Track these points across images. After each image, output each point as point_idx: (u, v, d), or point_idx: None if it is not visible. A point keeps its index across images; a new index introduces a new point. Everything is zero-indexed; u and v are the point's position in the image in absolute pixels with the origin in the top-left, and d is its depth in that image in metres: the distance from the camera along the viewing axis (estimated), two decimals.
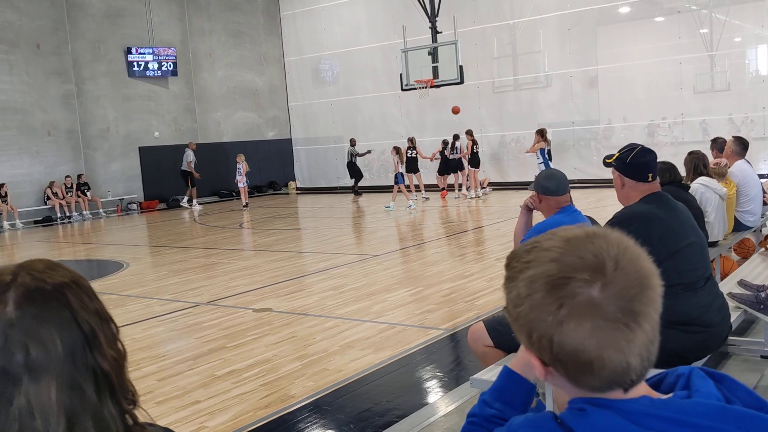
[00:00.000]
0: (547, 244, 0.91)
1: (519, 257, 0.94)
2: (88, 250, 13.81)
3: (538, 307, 0.88)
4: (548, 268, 0.88)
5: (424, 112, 20.73)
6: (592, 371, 0.86)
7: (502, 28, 19.59)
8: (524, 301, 0.89)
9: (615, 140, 18.71)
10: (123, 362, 0.99)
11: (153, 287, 8.86)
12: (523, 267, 0.91)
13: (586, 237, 0.90)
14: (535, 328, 0.88)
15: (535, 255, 0.91)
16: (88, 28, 19.80)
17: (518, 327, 0.92)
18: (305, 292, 7.91)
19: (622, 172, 3.24)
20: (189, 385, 4.91)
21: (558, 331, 0.86)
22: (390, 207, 15.87)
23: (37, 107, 18.71)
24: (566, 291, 0.86)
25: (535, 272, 0.89)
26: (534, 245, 0.93)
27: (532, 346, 0.90)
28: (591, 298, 0.86)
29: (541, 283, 0.88)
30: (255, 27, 24.17)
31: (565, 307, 0.86)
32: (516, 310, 0.91)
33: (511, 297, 0.93)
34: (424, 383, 4.81)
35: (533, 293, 0.88)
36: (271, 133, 24.63)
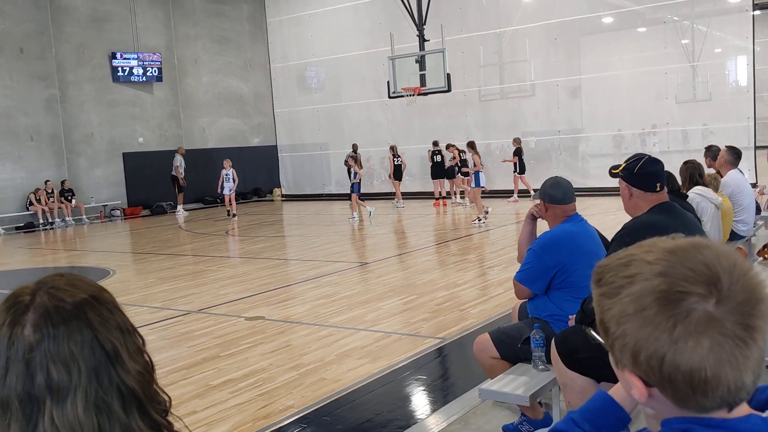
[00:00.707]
0: (649, 257, 0.87)
1: (616, 271, 0.89)
2: (72, 257, 13.64)
3: (649, 324, 0.83)
4: (657, 283, 0.84)
5: (411, 119, 20.75)
6: (705, 391, 0.83)
7: (488, 37, 19.68)
8: (631, 318, 0.85)
9: (599, 149, 18.85)
10: (149, 374, 0.97)
11: (141, 295, 8.75)
12: (625, 282, 0.87)
13: (693, 248, 0.87)
14: (644, 348, 0.84)
15: (637, 268, 0.86)
16: (73, 33, 19.61)
17: (621, 346, 0.87)
18: (297, 300, 7.85)
19: (629, 183, 3.23)
20: (184, 395, 4.83)
21: (673, 349, 0.82)
22: (370, 211, 15.78)
23: (20, 112, 18.49)
24: (681, 307, 0.83)
25: (642, 287, 0.85)
26: (632, 258, 0.89)
27: (638, 366, 0.86)
28: (708, 314, 0.82)
29: (652, 299, 0.84)
30: (241, 33, 24.10)
31: (681, 324, 0.82)
32: (620, 328, 0.86)
33: (611, 315, 0.88)
34: (424, 393, 4.78)
35: (643, 310, 0.84)
36: (256, 139, 24.53)
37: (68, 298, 0.95)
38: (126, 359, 0.94)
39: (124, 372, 0.93)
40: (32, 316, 0.92)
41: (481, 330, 5.82)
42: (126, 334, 0.98)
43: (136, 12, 20.97)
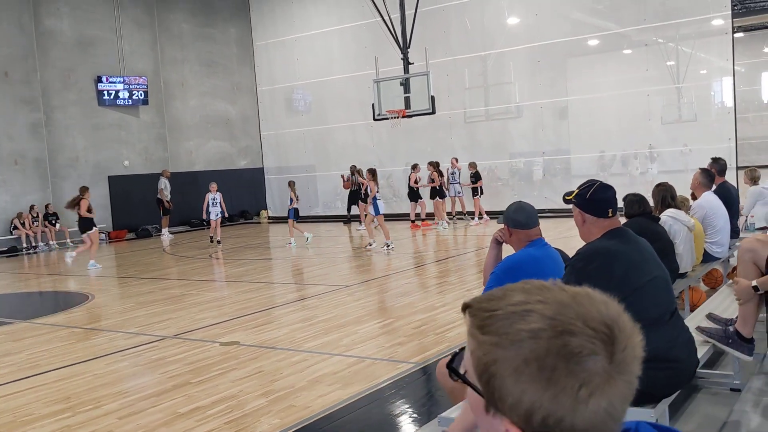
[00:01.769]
0: (548, 312, 0.84)
1: (511, 321, 0.85)
2: (54, 281, 13.51)
3: (553, 386, 0.80)
4: (563, 343, 0.81)
5: (396, 141, 20.80)
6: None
7: (473, 60, 19.81)
8: (532, 378, 0.81)
9: (585, 170, 18.91)
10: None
11: (118, 320, 8.65)
12: (526, 336, 0.83)
13: (587, 302, 0.85)
14: (542, 408, 0.81)
15: (538, 323, 0.83)
16: (58, 57, 19.62)
17: (512, 402, 0.82)
18: (274, 324, 7.78)
19: (582, 209, 3.22)
20: (151, 424, 4.75)
21: (573, 411, 0.80)
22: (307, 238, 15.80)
23: (4, 136, 18.43)
24: (586, 369, 0.80)
25: (548, 346, 0.81)
26: (528, 308, 0.85)
27: (527, 423, 0.82)
28: (608, 375, 0.81)
29: (559, 359, 0.81)
30: (228, 57, 24.18)
31: (586, 386, 0.80)
32: (517, 386, 0.82)
33: (505, 367, 0.83)
34: (394, 419, 4.71)
35: (548, 370, 0.81)
36: (243, 162, 24.52)
37: None
38: None
39: None
40: None
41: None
42: None
43: (123, 35, 21.03)
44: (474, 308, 0.89)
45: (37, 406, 5.34)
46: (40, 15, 19.31)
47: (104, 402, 5.31)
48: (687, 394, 4.49)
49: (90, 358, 6.76)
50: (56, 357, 6.90)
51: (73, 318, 9.03)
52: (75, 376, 6.14)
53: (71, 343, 7.52)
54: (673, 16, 17.39)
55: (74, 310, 9.61)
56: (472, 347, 0.88)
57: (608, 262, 2.90)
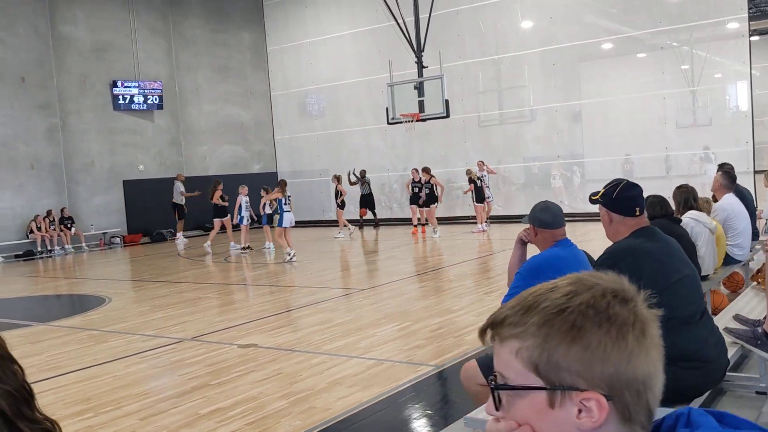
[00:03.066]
0: (563, 282, 0.89)
1: (540, 301, 0.87)
2: (70, 284, 13.59)
3: (610, 328, 0.83)
4: (601, 287, 0.86)
5: (410, 145, 20.80)
6: (653, 388, 0.84)
7: (487, 63, 19.80)
8: (587, 330, 0.83)
9: (599, 174, 18.83)
10: (22, 396, 1.01)
11: (135, 323, 8.68)
12: (564, 300, 0.85)
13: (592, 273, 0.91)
14: (607, 355, 0.82)
15: (568, 288, 0.87)
16: (74, 62, 19.78)
17: (573, 366, 0.83)
18: (291, 327, 7.78)
19: (609, 208, 3.19)
20: (172, 425, 4.75)
21: (637, 348, 0.83)
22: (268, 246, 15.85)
23: (20, 141, 18.57)
24: (629, 306, 0.85)
25: (589, 295, 0.85)
26: (549, 287, 0.89)
27: (597, 380, 0.83)
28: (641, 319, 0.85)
29: (607, 300, 0.84)
30: (241, 62, 24.28)
31: (638, 321, 0.84)
32: (575, 346, 0.83)
33: (558, 338, 0.84)
34: (415, 422, 4.69)
35: (598, 316, 0.83)
36: (256, 166, 24.59)
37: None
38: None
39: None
40: None
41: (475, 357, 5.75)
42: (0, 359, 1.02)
43: (138, 41, 21.17)
44: (500, 317, 0.90)
45: (59, 406, 5.35)
46: (56, 21, 19.47)
47: (125, 403, 5.32)
48: (712, 397, 4.44)
49: (109, 360, 6.78)
50: (75, 359, 6.93)
51: (91, 320, 9.07)
52: (94, 377, 6.16)
53: (89, 345, 7.55)
54: (687, 19, 17.31)
55: (91, 313, 9.65)
56: (515, 349, 0.87)
57: (638, 261, 2.87)
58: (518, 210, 19.46)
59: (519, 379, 0.87)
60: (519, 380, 0.87)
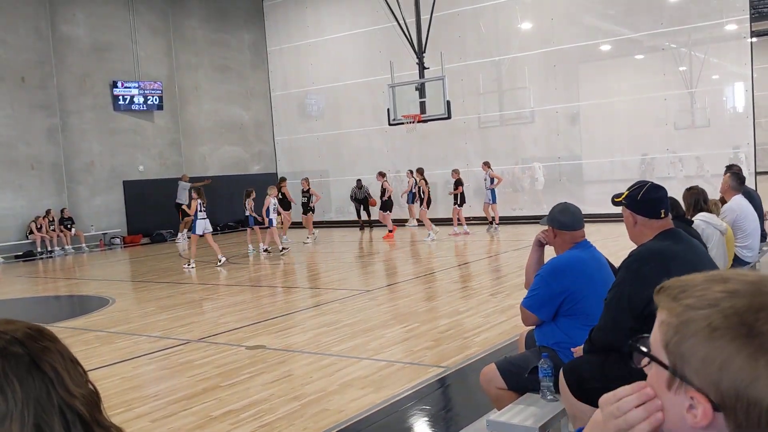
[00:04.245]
0: (749, 278, 0.84)
1: (708, 285, 0.84)
2: (72, 285, 13.56)
3: (752, 342, 0.79)
4: (760, 300, 0.80)
5: (411, 147, 20.80)
6: None
7: (487, 65, 19.82)
8: (728, 333, 0.80)
9: (598, 175, 18.86)
10: (95, 401, 1.00)
11: (141, 324, 8.66)
12: (724, 296, 0.82)
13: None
14: (734, 367, 0.79)
15: (739, 285, 0.83)
16: (74, 62, 19.73)
17: (701, 362, 0.81)
18: (298, 328, 7.77)
19: (633, 210, 3.18)
20: (184, 427, 4.74)
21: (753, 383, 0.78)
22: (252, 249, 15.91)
23: (20, 141, 18.52)
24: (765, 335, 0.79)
25: (751, 302, 0.80)
26: (726, 276, 0.85)
27: (716, 386, 0.80)
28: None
29: (761, 315, 0.80)
30: (242, 62, 24.26)
31: None
32: (711, 343, 0.80)
33: (698, 327, 0.82)
34: (428, 424, 4.69)
35: (747, 325, 0.79)
36: (256, 167, 24.57)
37: (7, 331, 0.98)
38: (69, 383, 0.97)
39: (68, 395, 0.96)
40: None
41: (484, 358, 5.75)
42: (68, 361, 1.01)
43: (138, 41, 21.13)
44: (667, 285, 0.89)
45: None
46: (57, 21, 19.43)
47: (135, 405, 5.31)
48: None
49: (116, 361, 6.76)
50: (82, 360, 6.78)
51: (96, 321, 9.04)
52: (103, 379, 6.14)
53: (96, 346, 7.53)
54: (687, 21, 17.34)
55: (96, 314, 9.62)
56: (661, 319, 0.88)
57: (664, 263, 2.87)
58: (519, 212, 19.48)
59: (655, 348, 0.88)
60: (655, 348, 0.88)
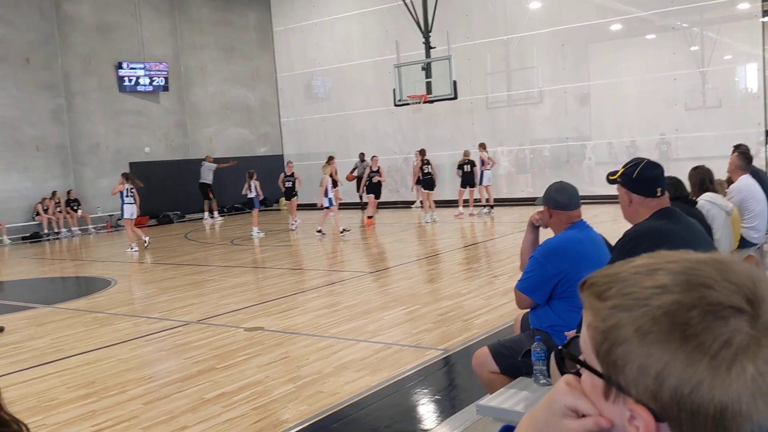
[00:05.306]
0: (677, 267, 0.71)
1: (634, 280, 0.72)
2: (76, 266, 13.55)
3: (686, 345, 0.67)
4: (702, 295, 0.68)
5: (417, 127, 20.63)
6: (729, 429, 0.67)
7: (495, 44, 19.56)
8: (660, 338, 0.68)
9: (607, 156, 18.64)
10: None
11: (141, 305, 8.63)
12: (652, 293, 0.70)
13: (727, 261, 0.72)
14: (673, 374, 0.68)
15: (668, 278, 0.70)
16: (79, 42, 19.63)
17: (637, 371, 0.70)
18: (298, 310, 7.70)
19: (628, 188, 3.06)
20: (176, 410, 4.68)
21: (710, 378, 0.67)
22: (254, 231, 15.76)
23: (25, 122, 18.48)
24: (728, 326, 0.67)
25: (681, 299, 0.68)
26: (655, 267, 0.72)
27: (656, 396, 0.69)
28: (755, 338, 0.67)
29: (696, 313, 0.68)
30: (247, 42, 24.07)
31: (727, 347, 0.66)
32: (642, 349, 0.69)
33: (627, 332, 0.71)
34: (423, 407, 4.61)
35: (680, 327, 0.68)
36: (262, 149, 24.46)
37: None
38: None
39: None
40: None
41: (484, 341, 5.65)
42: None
43: (143, 21, 20.98)
44: (591, 280, 0.77)
45: (62, 390, 5.29)
46: (61, 1, 19.30)
47: (129, 387, 5.25)
48: None
49: (114, 343, 6.72)
50: (80, 342, 6.87)
51: (96, 303, 9.01)
52: (99, 360, 6.10)
53: (94, 328, 7.50)
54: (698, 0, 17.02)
55: (97, 295, 9.60)
56: (588, 321, 0.76)
57: (659, 244, 2.73)
58: (525, 193, 19.32)
59: (586, 352, 0.76)
60: (586, 353, 0.76)
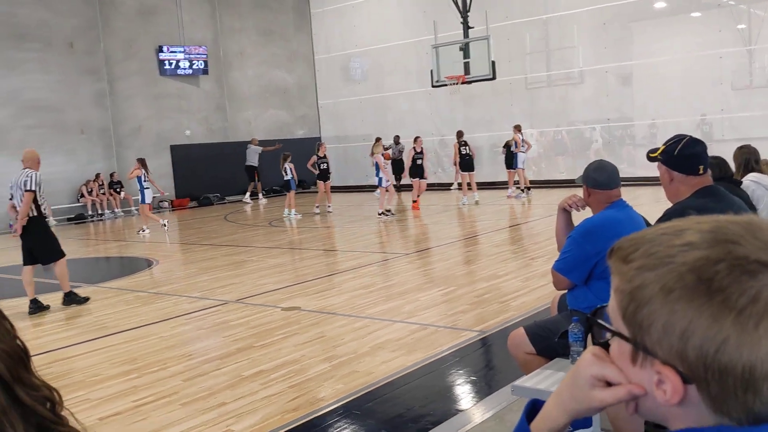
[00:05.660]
0: (705, 227, 0.70)
1: (660, 241, 0.71)
2: (120, 247, 13.84)
3: (712, 300, 0.66)
4: (729, 250, 0.67)
5: (455, 109, 20.48)
6: (760, 389, 0.66)
7: (534, 23, 19.26)
8: (686, 293, 0.67)
9: (651, 138, 18.26)
10: (19, 357, 0.90)
11: (182, 285, 8.78)
12: (678, 251, 0.69)
13: (753, 220, 0.70)
14: (699, 330, 0.66)
15: (695, 237, 0.69)
16: (121, 27, 19.91)
17: (662, 329, 0.68)
18: (334, 290, 7.76)
19: (669, 166, 2.98)
20: (215, 386, 4.77)
21: (737, 334, 0.65)
22: (291, 213, 15.82)
23: (70, 106, 18.86)
24: (757, 281, 0.65)
25: (708, 254, 0.67)
26: (682, 228, 0.71)
27: (682, 355, 0.68)
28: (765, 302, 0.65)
29: (722, 267, 0.66)
30: (285, 25, 24.13)
31: (755, 303, 0.65)
32: (666, 306, 0.68)
33: (652, 291, 0.69)
34: (458, 388, 4.61)
35: (706, 282, 0.66)
36: (300, 131, 24.57)
37: None
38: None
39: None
40: None
41: (521, 323, 5.62)
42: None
43: (182, 5, 21.17)
44: (618, 245, 0.75)
45: (105, 366, 5.43)
46: None
47: (170, 364, 5.36)
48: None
49: (155, 321, 6.86)
50: (123, 320, 7.03)
51: (139, 282, 9.20)
52: (141, 338, 6.24)
53: (137, 306, 7.66)
54: None
55: (139, 275, 9.80)
56: (615, 285, 0.74)
57: None
58: (564, 175, 19.07)
59: (614, 318, 0.75)
60: (614, 319, 0.75)
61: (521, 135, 16.79)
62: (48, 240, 7.85)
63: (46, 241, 7.81)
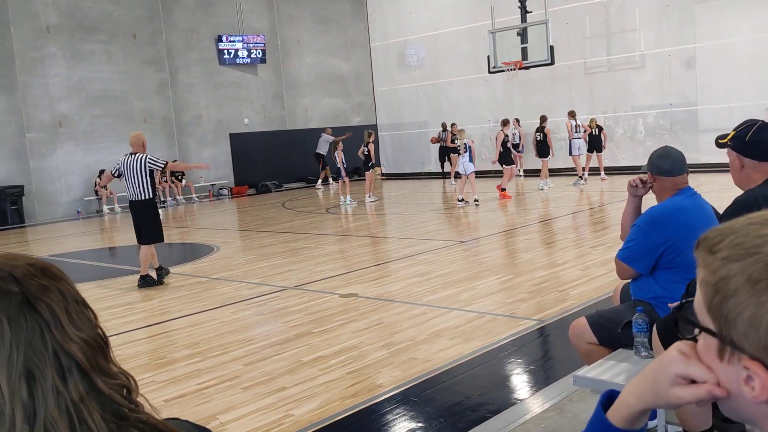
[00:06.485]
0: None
1: (746, 231, 0.70)
2: (182, 233, 14.18)
3: None
4: None
5: (512, 95, 20.21)
6: None
7: (594, 7, 18.81)
8: (765, 285, 0.65)
9: (715, 123, 17.66)
10: (99, 346, 0.91)
11: (242, 271, 8.95)
12: (764, 241, 0.68)
13: None
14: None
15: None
16: (181, 18, 20.31)
17: (750, 322, 0.67)
18: (391, 278, 7.78)
19: (740, 152, 2.89)
20: (276, 371, 4.85)
21: None
22: (346, 201, 15.87)
23: (133, 95, 19.37)
24: None
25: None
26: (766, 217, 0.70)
27: (764, 350, 0.66)
28: None
29: None
30: (341, 13, 24.20)
31: None
32: (753, 298, 0.66)
33: (739, 282, 0.68)
34: (517, 377, 4.58)
35: None
36: (356, 119, 24.67)
37: (5, 266, 0.88)
38: (67, 326, 0.88)
39: (65, 338, 0.87)
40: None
41: (581, 312, 5.54)
42: (71, 302, 0.91)
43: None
44: (704, 235, 0.73)
45: (170, 350, 5.59)
46: None
47: (231, 348, 5.48)
48: None
49: (216, 306, 7.01)
50: (185, 305, 7.22)
51: (200, 268, 9.42)
52: (203, 323, 6.39)
53: (198, 291, 7.84)
54: None
55: (201, 261, 10.03)
56: (701, 278, 0.72)
57: None
58: (625, 162, 18.64)
59: (700, 313, 0.74)
60: (700, 314, 0.74)
61: (574, 121, 16.50)
62: (155, 222, 8.50)
63: (153, 223, 8.46)
